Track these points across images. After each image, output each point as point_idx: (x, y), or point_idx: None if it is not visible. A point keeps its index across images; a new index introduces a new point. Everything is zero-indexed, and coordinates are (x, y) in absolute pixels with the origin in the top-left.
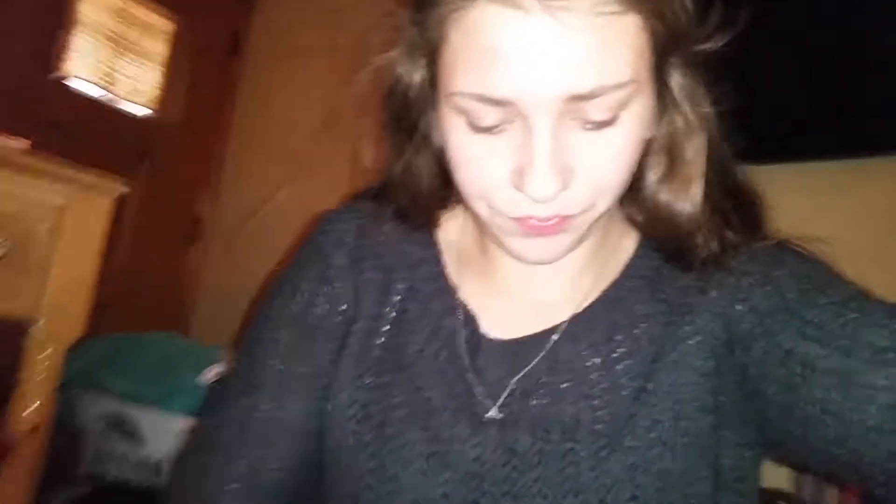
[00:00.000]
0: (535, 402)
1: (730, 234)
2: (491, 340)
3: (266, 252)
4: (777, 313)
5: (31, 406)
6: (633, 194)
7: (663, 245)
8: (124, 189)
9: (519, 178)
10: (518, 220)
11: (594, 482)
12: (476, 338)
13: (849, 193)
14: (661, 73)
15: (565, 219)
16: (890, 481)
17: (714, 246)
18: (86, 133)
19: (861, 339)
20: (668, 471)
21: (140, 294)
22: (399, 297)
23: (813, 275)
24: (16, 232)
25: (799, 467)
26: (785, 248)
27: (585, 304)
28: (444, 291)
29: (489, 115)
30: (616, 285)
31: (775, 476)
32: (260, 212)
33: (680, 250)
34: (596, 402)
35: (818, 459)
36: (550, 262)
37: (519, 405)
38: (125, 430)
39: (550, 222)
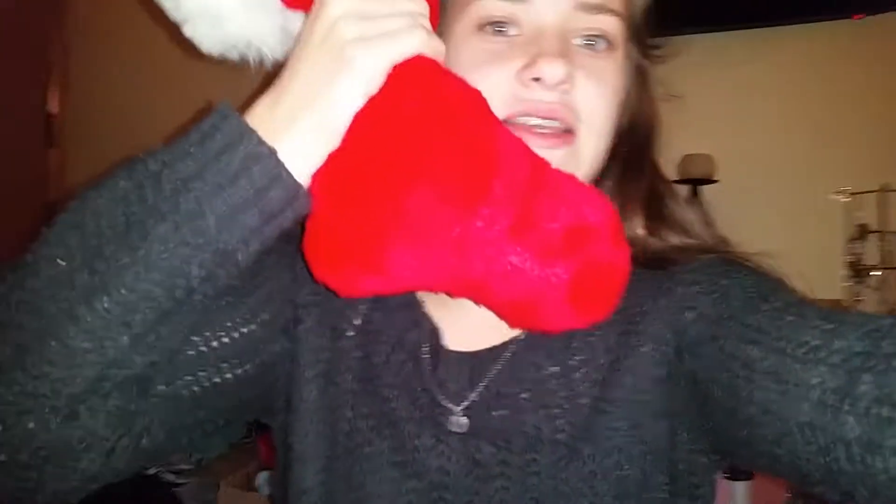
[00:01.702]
0: (496, 413)
1: (673, 239)
2: (451, 353)
3: (123, 148)
4: (723, 320)
5: None
6: None
7: None
8: None
9: (528, 70)
10: (519, 127)
11: (553, 491)
12: (438, 350)
13: (762, 61)
14: (628, 48)
15: (558, 136)
16: (825, 478)
17: (657, 251)
18: None
19: (796, 340)
20: (625, 478)
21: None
22: (365, 307)
23: (758, 284)
24: None
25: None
26: (732, 260)
27: None
28: (409, 305)
29: (502, 9)
30: None
31: None
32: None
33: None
34: (556, 411)
35: (764, 462)
36: None
37: (481, 417)
38: None
39: (552, 119)
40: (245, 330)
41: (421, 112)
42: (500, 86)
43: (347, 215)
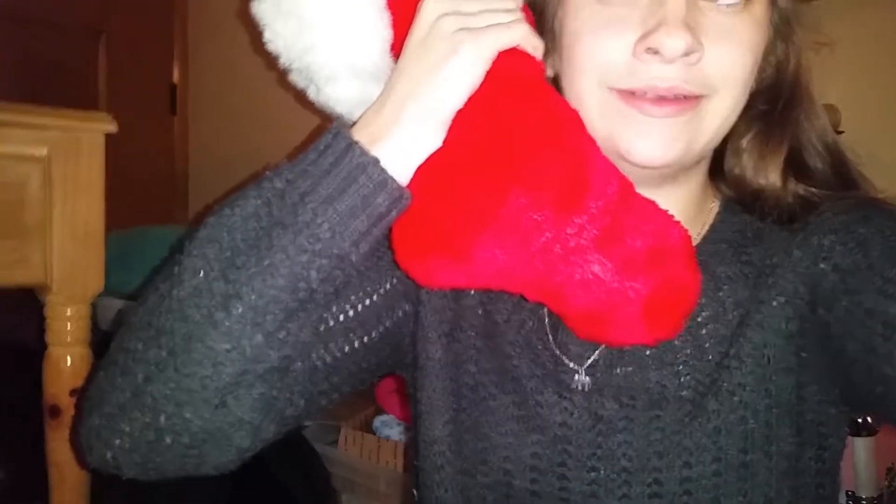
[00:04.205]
0: (619, 370)
1: (810, 191)
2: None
3: (244, 117)
4: (859, 271)
5: (66, 370)
6: (718, 166)
7: (742, 203)
8: (112, 126)
9: (646, 41)
10: (634, 96)
11: (677, 446)
12: None
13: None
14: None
15: (681, 101)
16: None
17: (791, 202)
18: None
19: None
20: (750, 432)
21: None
22: None
23: None
24: (2, 198)
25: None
26: (872, 205)
27: None
28: None
29: None
30: (698, 249)
31: None
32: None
33: (760, 207)
34: (680, 367)
35: None
36: (660, 163)
37: (603, 374)
38: None
39: (668, 96)
40: (369, 301)
41: (526, 117)
42: (615, 57)
43: (441, 207)
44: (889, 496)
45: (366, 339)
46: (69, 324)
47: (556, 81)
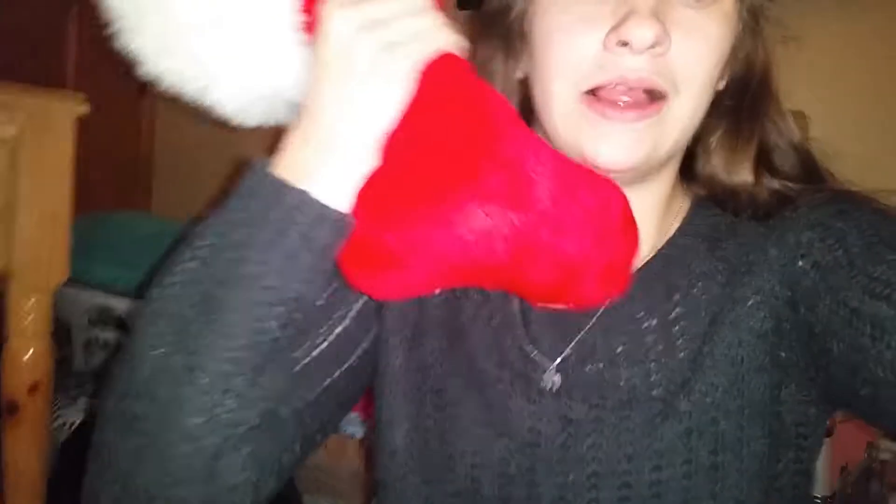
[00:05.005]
0: (589, 367)
1: (785, 184)
2: (542, 307)
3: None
4: (841, 269)
5: (26, 364)
6: (689, 168)
7: (716, 200)
8: (84, 108)
9: (615, 33)
10: (600, 101)
11: (647, 448)
12: (528, 307)
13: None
14: None
15: (643, 106)
16: None
17: (765, 198)
18: None
19: None
20: (722, 433)
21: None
22: None
23: (880, 226)
24: None
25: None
26: (847, 198)
27: (641, 264)
28: None
29: None
30: (671, 243)
31: None
32: None
33: (734, 204)
34: (651, 365)
35: (888, 420)
36: (624, 167)
37: (574, 372)
38: (111, 320)
39: (638, 88)
40: (341, 328)
41: (459, 123)
42: (584, 53)
43: (388, 223)
44: (842, 495)
45: (345, 366)
46: (30, 315)
47: (524, 83)
